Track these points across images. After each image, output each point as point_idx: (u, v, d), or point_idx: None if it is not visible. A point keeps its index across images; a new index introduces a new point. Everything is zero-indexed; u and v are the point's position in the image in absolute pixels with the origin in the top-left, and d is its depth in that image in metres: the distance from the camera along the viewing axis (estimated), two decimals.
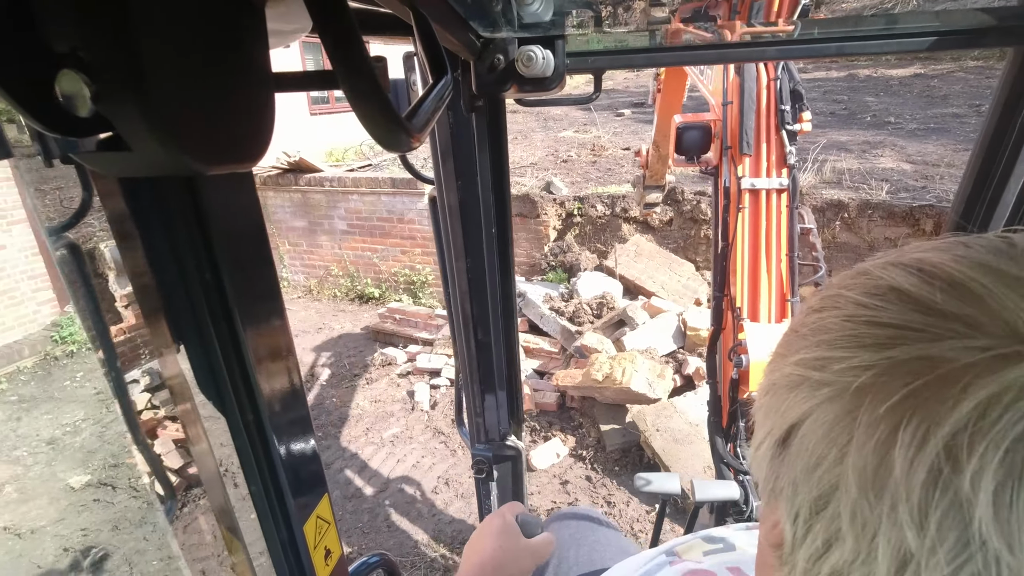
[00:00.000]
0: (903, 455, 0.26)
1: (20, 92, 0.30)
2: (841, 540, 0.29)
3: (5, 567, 3.39)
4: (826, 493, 0.29)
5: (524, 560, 0.82)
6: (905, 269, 0.32)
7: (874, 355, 0.29)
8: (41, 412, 5.22)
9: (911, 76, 9.63)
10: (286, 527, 0.49)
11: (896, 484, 0.26)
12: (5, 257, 6.15)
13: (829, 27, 0.87)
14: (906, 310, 0.30)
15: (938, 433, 0.25)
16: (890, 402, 0.27)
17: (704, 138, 2.29)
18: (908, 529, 0.25)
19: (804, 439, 0.31)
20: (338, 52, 0.35)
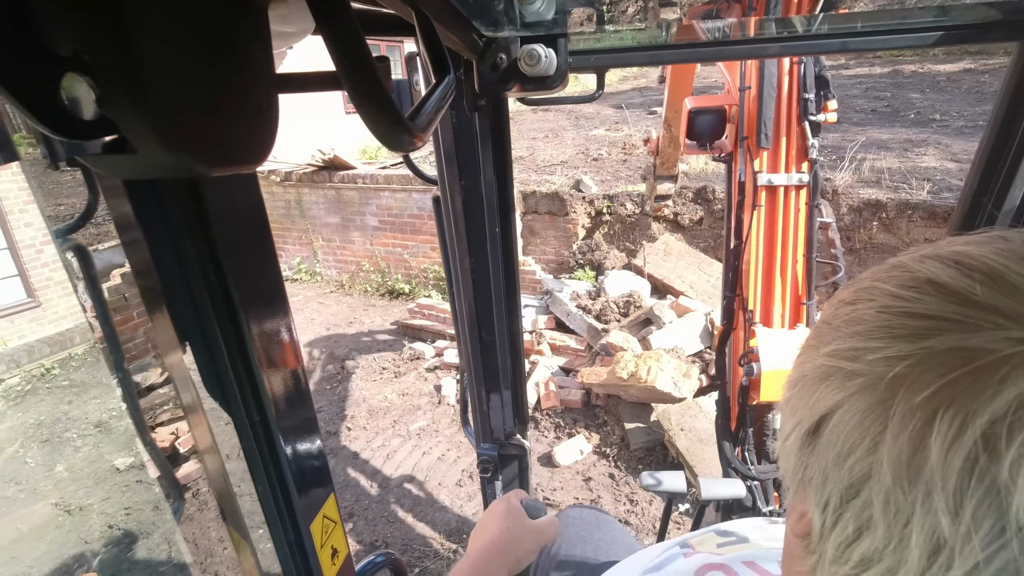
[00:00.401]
0: (939, 443, 0.26)
1: (26, 95, 0.30)
2: (873, 527, 0.29)
3: (57, 541, 3.58)
4: (858, 481, 0.29)
5: (529, 541, 0.83)
6: (943, 262, 0.31)
7: (910, 345, 0.29)
8: (90, 396, 5.48)
9: (960, 71, 9.16)
10: (292, 526, 0.50)
11: (932, 472, 0.26)
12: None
13: (833, 23, 0.83)
14: (943, 301, 0.29)
15: (976, 422, 0.25)
16: (927, 392, 0.27)
17: (718, 123, 2.13)
18: (943, 516, 0.25)
19: (835, 429, 0.31)
20: (341, 53, 0.35)
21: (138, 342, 4.63)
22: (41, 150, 0.34)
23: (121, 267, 4.62)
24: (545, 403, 4.31)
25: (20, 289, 6.30)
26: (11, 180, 5.93)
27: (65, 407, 5.31)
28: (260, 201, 0.41)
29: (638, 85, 12.34)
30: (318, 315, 6.66)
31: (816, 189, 1.99)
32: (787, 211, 2.02)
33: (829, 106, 1.94)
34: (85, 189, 0.37)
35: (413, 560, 3.17)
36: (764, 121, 1.95)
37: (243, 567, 0.50)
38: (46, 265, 6.39)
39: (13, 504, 3.97)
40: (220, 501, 0.47)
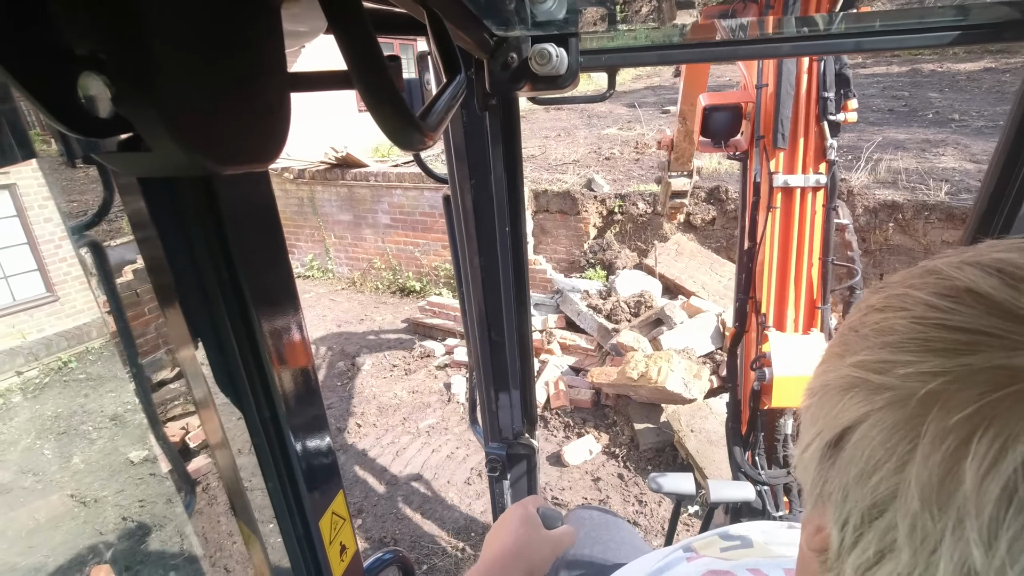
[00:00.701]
0: (975, 468, 0.24)
1: (44, 94, 0.30)
2: (896, 552, 0.27)
3: (72, 531, 3.64)
4: (882, 502, 0.28)
5: (544, 550, 0.82)
6: (983, 269, 0.29)
7: (947, 361, 0.27)
8: (106, 390, 5.57)
9: (981, 70, 8.99)
10: (302, 522, 0.50)
11: (965, 499, 0.24)
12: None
13: (848, 23, 0.82)
14: (984, 314, 0.27)
15: (1017, 448, 0.23)
16: (964, 412, 0.25)
17: (733, 120, 2.07)
18: (975, 547, 0.24)
19: (859, 444, 0.29)
20: (353, 52, 0.35)
21: (151, 337, 4.70)
22: (58, 148, 0.35)
23: (134, 263, 4.70)
24: (555, 402, 4.31)
25: (39, 284, 6.42)
26: (31, 177, 6.04)
27: (81, 400, 5.40)
28: (272, 199, 0.42)
29: (651, 84, 12.26)
30: (329, 312, 6.71)
31: (834, 191, 1.95)
32: (803, 213, 1.98)
33: (849, 105, 1.88)
34: (100, 186, 0.37)
35: (421, 558, 3.18)
36: (781, 120, 1.89)
37: (253, 562, 0.50)
38: (64, 260, 6.51)
39: (30, 495, 4.04)
40: (230, 496, 0.48)
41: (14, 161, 0.34)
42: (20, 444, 4.70)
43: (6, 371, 5.70)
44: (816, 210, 1.97)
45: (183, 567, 3.24)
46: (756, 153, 1.99)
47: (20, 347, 5.94)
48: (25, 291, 6.30)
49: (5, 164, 0.33)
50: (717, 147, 2.14)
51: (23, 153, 0.33)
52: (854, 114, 1.91)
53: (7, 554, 3.47)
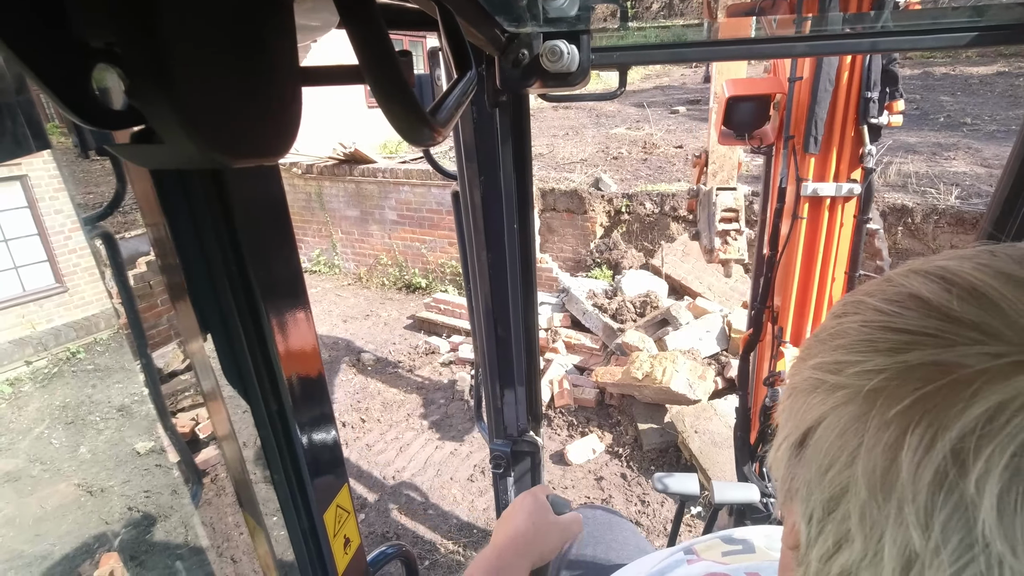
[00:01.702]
0: (910, 458, 0.26)
1: (59, 85, 0.31)
2: (850, 541, 0.29)
3: (79, 520, 3.68)
4: (837, 495, 0.30)
5: (554, 536, 0.84)
6: (927, 276, 0.32)
7: (887, 359, 0.29)
8: (114, 381, 5.62)
9: (994, 74, 8.89)
10: (307, 515, 0.50)
11: (903, 486, 0.26)
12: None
13: (863, 23, 0.81)
14: (923, 316, 0.30)
15: (946, 436, 0.25)
16: (900, 406, 0.27)
17: (760, 111, 1.86)
18: (914, 530, 0.26)
19: (819, 442, 0.31)
20: (364, 47, 0.35)
21: (161, 329, 4.74)
22: (72, 139, 0.35)
23: (147, 255, 4.73)
24: (559, 401, 4.30)
25: (49, 274, 6.48)
26: (42, 168, 6.10)
27: (89, 390, 5.45)
28: (282, 193, 0.42)
29: (660, 84, 12.21)
30: (335, 307, 6.73)
31: (868, 202, 1.73)
32: (832, 224, 1.79)
33: (895, 107, 1.65)
34: (114, 178, 0.38)
35: (423, 553, 3.20)
36: (815, 122, 1.68)
37: (258, 553, 0.51)
38: (74, 251, 6.57)
39: (38, 483, 4.09)
40: (237, 487, 0.48)
41: (29, 151, 0.34)
42: (29, 433, 4.75)
43: (16, 360, 5.76)
44: (845, 221, 1.78)
45: (189, 557, 3.27)
46: (784, 154, 1.81)
47: (29, 337, 6.00)
48: (35, 282, 6.36)
49: (20, 155, 0.34)
50: (740, 140, 1.95)
51: (38, 144, 0.33)
52: (899, 117, 1.68)
53: (15, 541, 3.52)
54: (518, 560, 0.78)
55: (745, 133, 1.92)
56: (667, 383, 3.65)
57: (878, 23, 0.81)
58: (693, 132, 7.96)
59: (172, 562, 3.25)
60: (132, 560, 3.23)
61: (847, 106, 1.70)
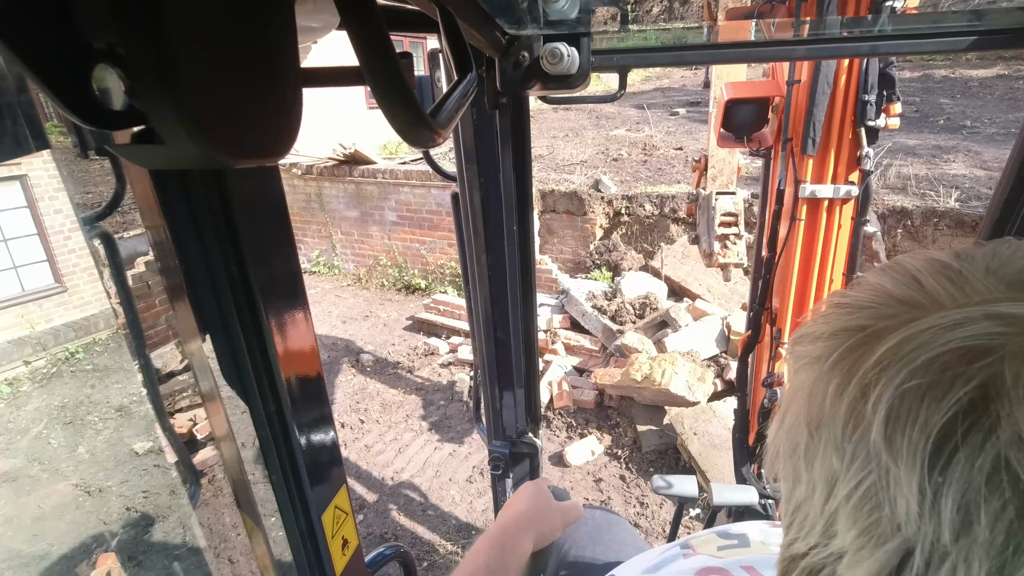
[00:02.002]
0: (833, 399, 0.31)
1: (59, 85, 0.31)
2: (799, 478, 0.34)
3: (77, 520, 3.67)
4: (794, 444, 0.35)
5: (556, 518, 0.88)
6: (884, 268, 0.37)
7: (829, 327, 0.35)
8: (112, 381, 5.62)
9: (994, 77, 8.91)
10: (305, 516, 0.50)
11: (828, 421, 0.31)
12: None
13: (863, 26, 0.81)
14: (867, 295, 0.35)
15: (857, 375, 0.30)
16: (831, 359, 0.33)
17: (759, 114, 1.87)
18: (834, 454, 0.31)
19: (791, 406, 0.36)
20: (365, 48, 0.35)
21: (160, 329, 4.73)
22: (72, 139, 0.35)
23: (146, 255, 4.72)
24: (558, 402, 4.30)
25: (48, 274, 6.48)
26: (42, 168, 6.09)
27: (88, 390, 5.45)
28: (282, 193, 0.42)
29: (660, 86, 12.22)
30: (335, 308, 6.73)
31: (866, 204, 1.75)
32: (829, 226, 1.81)
33: (893, 109, 1.67)
34: (113, 178, 0.38)
35: (422, 554, 3.19)
36: (813, 124, 1.70)
37: (256, 554, 0.51)
38: (73, 251, 6.56)
39: (36, 483, 4.08)
40: (235, 488, 0.48)
41: (29, 151, 0.34)
42: (28, 433, 4.74)
43: (14, 360, 5.75)
44: (843, 223, 1.80)
45: (187, 557, 3.26)
46: (782, 156, 1.82)
47: (28, 337, 5.99)
48: (34, 281, 6.36)
49: (20, 154, 0.34)
50: (739, 142, 1.97)
51: (37, 144, 0.33)
52: (897, 120, 1.69)
53: (13, 541, 3.51)
54: (522, 535, 0.81)
55: (744, 136, 1.93)
56: (666, 385, 3.65)
57: (876, 27, 0.81)
58: (693, 134, 7.98)
59: (170, 562, 3.24)
60: (130, 560, 3.22)
61: (845, 109, 1.71)
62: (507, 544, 0.79)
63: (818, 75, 1.67)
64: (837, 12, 1.52)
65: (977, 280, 0.31)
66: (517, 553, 0.78)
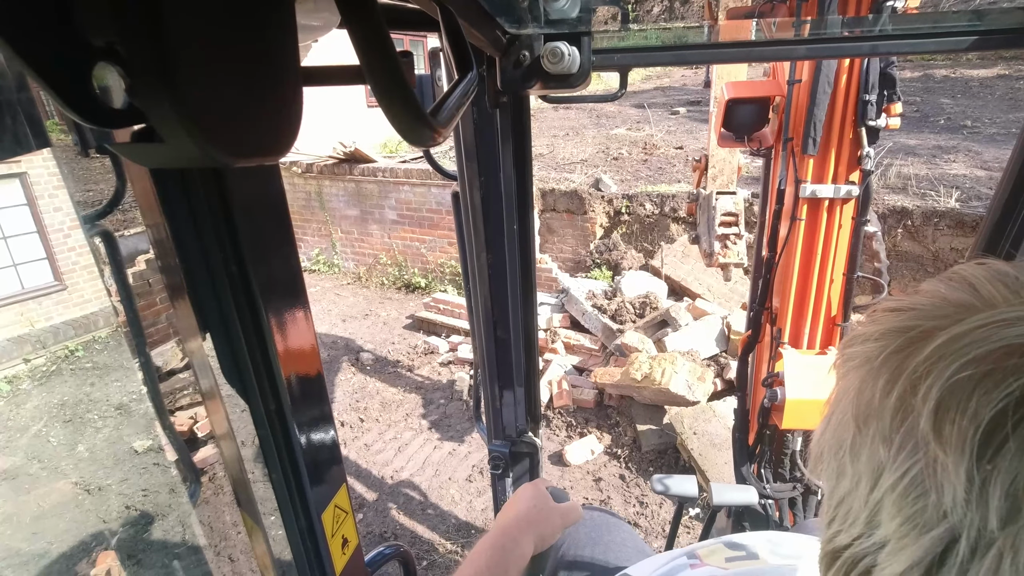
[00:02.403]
0: (883, 393, 0.32)
1: (60, 84, 0.31)
2: (843, 472, 0.35)
3: (76, 519, 3.67)
4: (839, 440, 0.36)
5: (555, 520, 0.88)
6: (943, 277, 0.37)
7: (881, 328, 0.35)
8: (112, 379, 5.62)
9: (994, 77, 8.90)
10: (305, 515, 0.50)
11: (877, 414, 0.32)
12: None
13: (864, 26, 0.81)
14: (920, 299, 0.36)
15: (907, 369, 0.31)
16: (881, 356, 0.34)
17: (760, 113, 1.87)
18: (881, 445, 0.31)
19: (837, 406, 0.37)
20: (365, 47, 0.35)
21: (160, 327, 4.73)
22: (72, 137, 0.35)
23: (146, 253, 4.72)
24: (557, 402, 4.30)
25: (48, 272, 6.48)
26: (42, 165, 6.09)
27: (88, 389, 5.45)
28: (282, 192, 0.42)
29: (661, 85, 12.21)
30: (335, 306, 6.73)
31: (867, 203, 1.76)
32: (830, 225, 1.81)
33: (893, 109, 1.66)
34: (113, 176, 0.38)
35: (421, 553, 3.20)
36: (814, 124, 1.70)
37: (256, 552, 0.51)
38: (73, 249, 6.56)
39: (36, 482, 4.08)
40: (235, 487, 0.48)
41: (29, 150, 0.34)
42: (28, 431, 4.74)
43: (14, 358, 5.75)
44: (844, 223, 1.80)
45: (186, 556, 3.26)
46: (783, 156, 1.82)
47: (28, 335, 5.99)
48: (34, 279, 6.36)
49: (20, 153, 0.34)
50: (740, 142, 1.97)
51: (37, 142, 0.33)
52: (897, 119, 1.69)
53: (13, 539, 3.51)
54: (522, 538, 0.81)
55: (745, 135, 1.93)
56: (666, 384, 3.65)
57: (876, 27, 0.81)
58: (693, 133, 7.97)
59: (169, 561, 3.25)
60: (130, 559, 3.23)
61: (845, 108, 1.71)
62: (507, 547, 0.79)
63: (819, 75, 1.67)
64: (838, 12, 1.53)
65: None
66: (517, 555, 0.79)
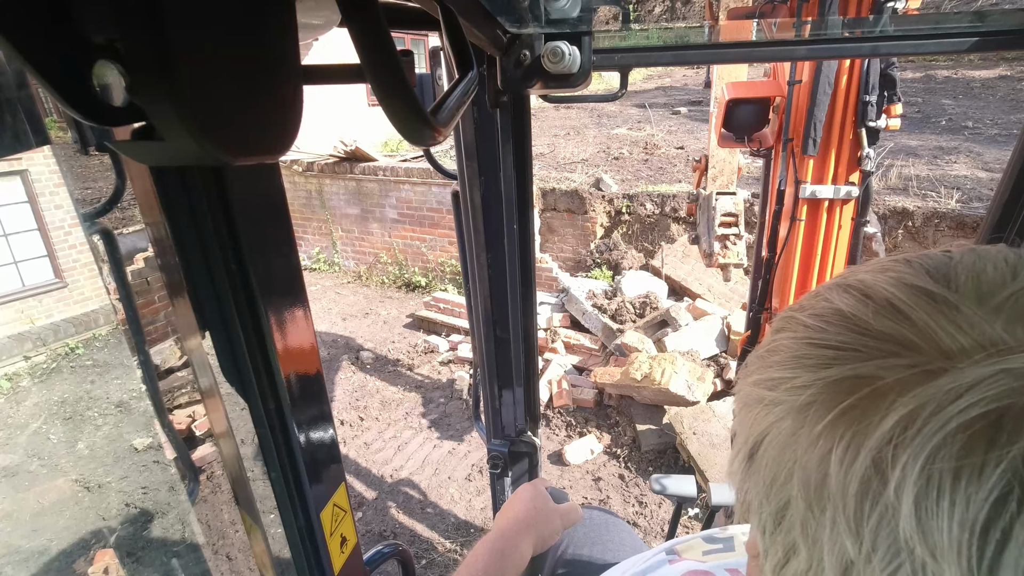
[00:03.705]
0: (837, 470, 0.27)
1: (59, 81, 0.31)
2: (796, 552, 0.30)
3: (76, 516, 3.68)
4: (782, 508, 0.31)
5: (555, 520, 0.87)
6: (847, 291, 0.33)
7: (812, 375, 0.30)
8: (112, 377, 5.62)
9: (996, 78, 8.90)
10: (303, 513, 0.50)
11: (834, 497, 0.27)
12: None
13: (865, 27, 0.81)
14: (844, 331, 0.31)
15: (867, 446, 0.26)
16: (826, 420, 0.28)
17: (760, 114, 1.87)
18: (847, 538, 0.27)
19: (763, 456, 0.32)
20: (366, 46, 0.35)
21: (159, 325, 4.73)
22: (72, 135, 0.35)
23: (145, 251, 4.73)
24: (557, 401, 4.31)
25: (48, 270, 6.48)
26: (43, 163, 6.09)
27: (88, 386, 5.45)
28: (282, 190, 0.42)
29: (662, 84, 12.20)
30: (335, 305, 6.73)
31: (867, 204, 1.76)
32: (830, 226, 1.81)
33: (893, 110, 1.67)
34: (113, 174, 0.38)
35: (420, 552, 3.20)
36: (814, 124, 1.70)
37: (254, 551, 0.51)
38: (73, 247, 6.56)
39: (36, 479, 4.09)
40: (234, 485, 0.48)
41: (28, 147, 0.34)
42: (27, 428, 4.75)
43: (14, 356, 5.75)
44: (843, 223, 1.80)
45: (185, 554, 3.27)
46: (783, 156, 1.82)
47: (28, 332, 6.00)
48: (34, 277, 6.36)
49: (20, 150, 0.34)
50: (740, 142, 1.97)
51: (37, 140, 0.33)
52: (898, 120, 1.69)
53: (12, 536, 3.52)
54: (520, 541, 0.80)
55: (745, 136, 1.93)
56: (666, 384, 3.65)
57: (877, 27, 0.81)
58: (694, 133, 7.97)
59: (168, 559, 3.25)
60: (128, 556, 3.23)
61: (845, 109, 1.71)
62: (505, 550, 0.78)
63: (819, 75, 1.67)
64: (839, 12, 1.53)
65: (973, 314, 0.28)
66: (515, 558, 0.78)
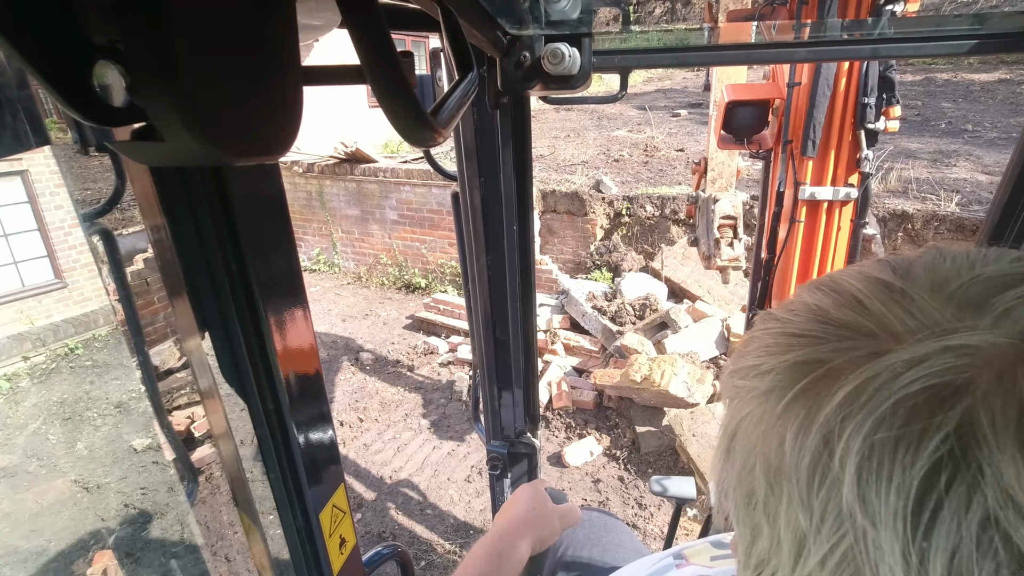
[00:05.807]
0: (792, 446, 0.29)
1: (59, 82, 0.31)
2: (760, 531, 0.31)
3: (74, 517, 3.67)
4: (750, 491, 0.32)
5: (553, 522, 0.87)
6: (820, 287, 0.35)
7: (775, 360, 0.32)
8: (111, 377, 5.61)
9: (995, 81, 8.91)
10: (302, 514, 0.50)
11: (789, 473, 0.29)
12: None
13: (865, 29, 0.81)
14: (808, 320, 0.33)
15: (817, 421, 0.28)
16: (784, 400, 0.30)
17: (759, 116, 1.88)
18: (800, 512, 0.28)
19: (737, 445, 0.34)
20: (366, 47, 0.35)
21: (159, 326, 4.73)
22: (72, 135, 0.35)
23: (145, 252, 4.72)
24: (557, 403, 4.30)
25: (48, 270, 6.48)
26: (43, 163, 6.09)
27: (87, 387, 5.44)
28: (282, 191, 0.42)
29: (662, 87, 12.22)
30: (335, 306, 6.73)
31: (865, 206, 1.77)
32: (829, 227, 1.82)
33: (892, 112, 1.68)
34: (113, 174, 0.38)
35: (419, 553, 3.19)
36: (813, 126, 1.71)
37: (253, 552, 0.51)
38: (73, 247, 6.56)
39: (35, 479, 4.08)
40: (233, 486, 0.48)
41: (28, 147, 0.34)
42: (26, 429, 4.74)
43: (14, 356, 5.75)
44: (842, 225, 1.81)
45: (184, 555, 3.26)
46: (782, 158, 1.83)
47: (28, 332, 5.99)
48: (34, 277, 6.36)
49: (20, 150, 0.34)
50: (739, 144, 1.98)
51: (37, 140, 0.33)
52: (896, 123, 1.70)
53: (11, 537, 3.51)
54: (519, 542, 0.80)
55: (744, 138, 1.94)
56: (665, 386, 3.65)
57: (876, 30, 0.81)
58: (694, 135, 7.98)
59: (167, 560, 3.24)
60: (127, 557, 3.22)
61: (845, 111, 1.72)
62: (504, 552, 0.78)
63: (818, 77, 1.68)
64: (838, 15, 1.54)
65: (925, 302, 0.29)
66: (513, 560, 0.78)
